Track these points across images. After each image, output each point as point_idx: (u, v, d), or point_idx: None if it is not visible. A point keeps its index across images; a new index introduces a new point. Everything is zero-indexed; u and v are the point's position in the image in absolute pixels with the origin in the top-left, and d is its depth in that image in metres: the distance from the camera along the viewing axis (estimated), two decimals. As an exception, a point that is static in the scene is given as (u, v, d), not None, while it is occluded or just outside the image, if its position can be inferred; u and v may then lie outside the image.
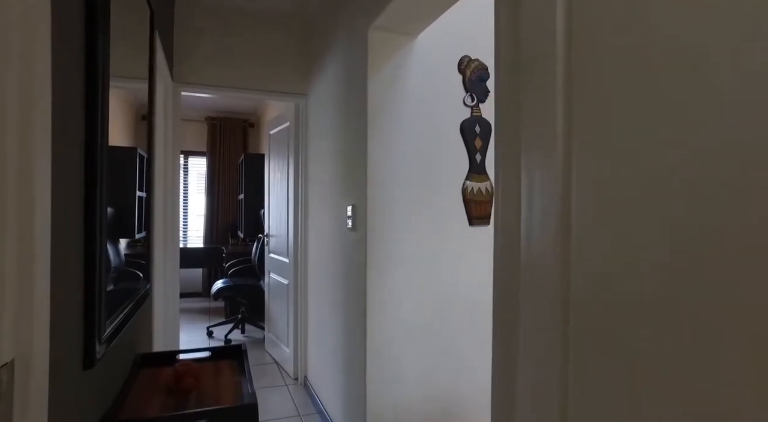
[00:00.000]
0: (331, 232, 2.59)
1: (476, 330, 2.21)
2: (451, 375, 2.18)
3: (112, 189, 1.38)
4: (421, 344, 2.12)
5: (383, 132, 2.05)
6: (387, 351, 2.05)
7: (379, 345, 2.04)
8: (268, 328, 4.01)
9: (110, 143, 1.16)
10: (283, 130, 3.63)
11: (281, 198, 3.70)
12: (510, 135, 0.87)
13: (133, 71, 1.59)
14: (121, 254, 1.59)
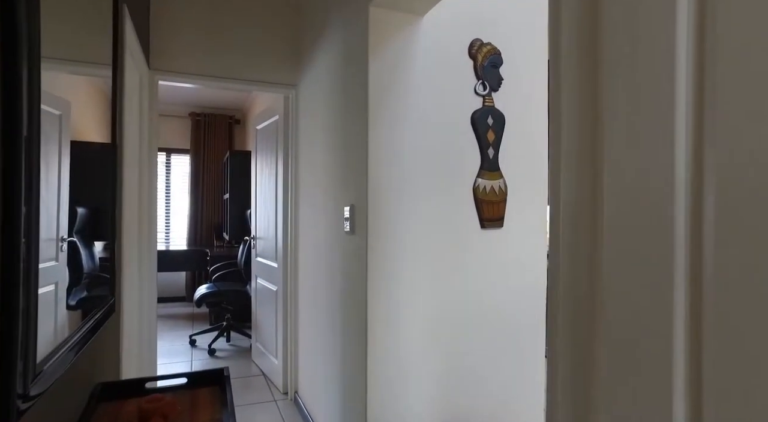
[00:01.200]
0: (326, 236, 2.34)
1: (494, 348, 1.99)
2: (467, 397, 1.95)
3: (84, 187, 1.20)
4: (431, 361, 1.89)
5: (386, 123, 1.82)
6: (392, 370, 1.82)
7: (382, 361, 1.80)
8: (255, 337, 3.75)
9: (80, 138, 1.01)
10: (271, 124, 3.38)
11: (269, 197, 3.45)
12: (581, 132, 0.65)
13: (85, 53, 1.34)
14: (95, 259, 1.41)
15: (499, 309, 2.00)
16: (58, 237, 1.07)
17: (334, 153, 2.22)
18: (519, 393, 2.05)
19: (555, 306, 0.74)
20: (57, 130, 1.10)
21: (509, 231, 2.01)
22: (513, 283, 2.02)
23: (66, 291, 1.12)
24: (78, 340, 1.11)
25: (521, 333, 2.05)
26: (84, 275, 1.29)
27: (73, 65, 1.30)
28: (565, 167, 0.72)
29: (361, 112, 1.86)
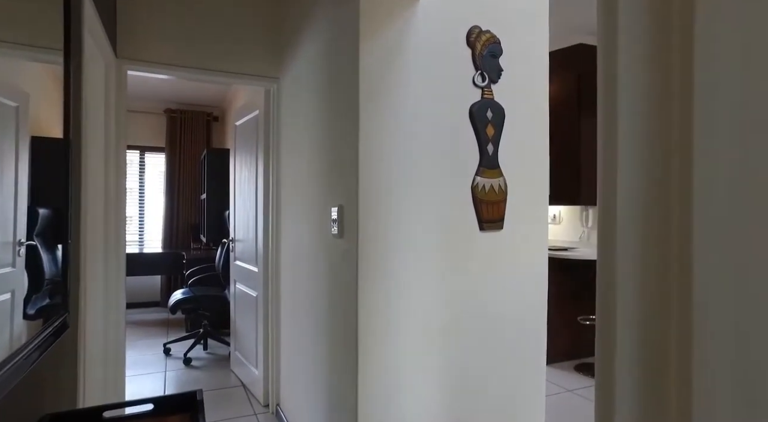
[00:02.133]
0: (310, 239, 2.17)
1: (495, 357, 1.85)
2: (467, 411, 1.80)
3: (47, 187, 1.13)
4: (428, 373, 1.74)
5: (378, 116, 1.66)
6: (386, 382, 1.66)
7: (375, 374, 1.64)
8: (234, 345, 3.54)
9: (43, 134, 0.99)
10: (251, 119, 3.18)
11: (249, 198, 3.25)
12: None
13: (45, 38, 1.16)
14: (59, 264, 1.31)
15: (500, 317, 1.86)
16: (15, 241, 1.00)
17: (320, 150, 2.05)
18: (521, 404, 1.92)
19: (608, 331, 0.59)
20: (13, 123, 1.01)
21: (509, 234, 1.87)
22: (514, 289, 1.89)
23: (24, 300, 1.04)
24: (18, 364, 0.93)
25: (522, 342, 1.91)
26: (46, 281, 1.20)
27: (31, 51, 1.15)
28: (628, 160, 0.57)
29: (351, 104, 1.69)
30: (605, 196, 0.61)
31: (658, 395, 0.53)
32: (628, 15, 0.56)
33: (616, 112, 0.60)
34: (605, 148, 0.62)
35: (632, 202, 0.57)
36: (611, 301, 0.60)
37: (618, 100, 0.60)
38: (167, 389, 3.14)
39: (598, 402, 0.58)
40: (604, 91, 0.59)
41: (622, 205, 0.57)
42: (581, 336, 3.83)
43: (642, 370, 0.54)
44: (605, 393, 0.57)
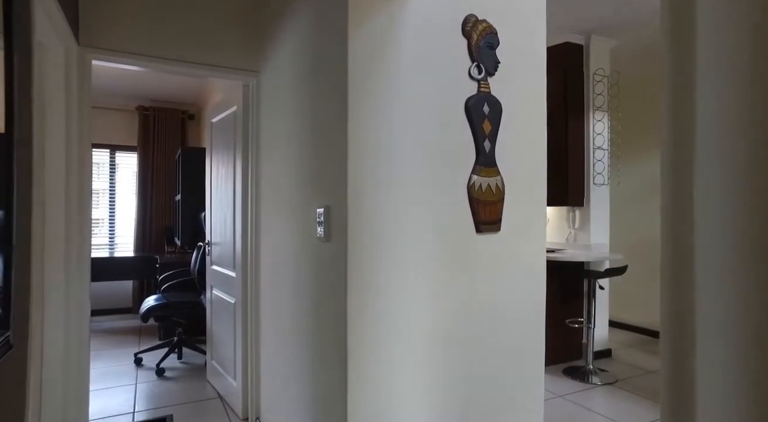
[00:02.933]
0: (293, 242, 2.02)
1: (494, 368, 1.73)
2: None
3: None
4: (426, 388, 1.61)
5: (369, 111, 1.53)
6: (378, 401, 1.53)
7: (366, 391, 1.51)
8: (211, 354, 3.35)
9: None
10: (229, 116, 3.01)
11: (226, 199, 3.08)
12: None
13: None
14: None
15: (498, 325, 1.75)
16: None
17: (304, 147, 1.90)
18: (520, 414, 1.81)
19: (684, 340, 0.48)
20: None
21: (507, 236, 1.76)
22: (512, 296, 1.78)
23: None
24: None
25: (521, 350, 1.81)
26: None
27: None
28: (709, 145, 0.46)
29: (339, 98, 1.56)
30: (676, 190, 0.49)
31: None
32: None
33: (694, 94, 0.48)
34: (678, 138, 0.50)
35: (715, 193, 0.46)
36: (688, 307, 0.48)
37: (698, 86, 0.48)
38: (138, 403, 2.93)
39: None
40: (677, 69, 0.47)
41: (700, 198, 0.46)
42: (569, 339, 3.77)
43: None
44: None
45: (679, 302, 0.49)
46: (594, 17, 3.37)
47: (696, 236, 0.46)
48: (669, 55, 0.51)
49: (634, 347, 4.12)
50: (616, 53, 3.86)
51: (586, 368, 3.41)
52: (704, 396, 0.46)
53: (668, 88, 0.51)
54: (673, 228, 0.49)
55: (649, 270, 4.42)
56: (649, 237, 4.42)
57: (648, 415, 2.74)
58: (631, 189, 4.55)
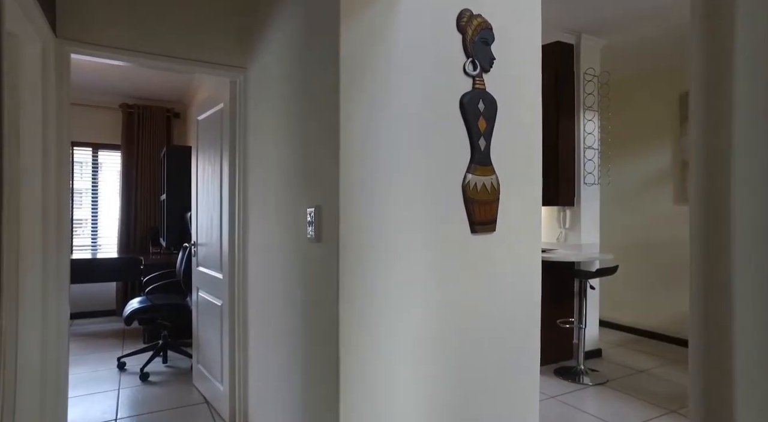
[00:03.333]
0: (282, 243, 1.96)
1: (491, 375, 1.69)
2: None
3: None
4: (422, 393, 1.56)
5: (362, 107, 1.48)
6: (372, 408, 1.48)
7: (359, 398, 1.46)
8: (197, 358, 3.27)
9: None
10: (215, 113, 2.93)
11: (212, 198, 3.00)
12: None
13: None
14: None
15: (494, 328, 1.71)
16: None
17: (294, 145, 1.84)
18: (517, 418, 1.78)
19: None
20: None
21: (503, 237, 1.73)
22: (508, 298, 1.74)
23: None
24: None
25: (518, 352, 1.77)
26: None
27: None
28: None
29: (331, 94, 1.51)
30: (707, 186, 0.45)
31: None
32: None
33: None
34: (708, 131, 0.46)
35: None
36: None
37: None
38: (121, 409, 2.84)
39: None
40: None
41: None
42: (560, 340, 3.76)
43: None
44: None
45: (713, 303, 0.46)
46: (584, 17, 3.36)
47: (732, 234, 0.43)
48: (701, 43, 0.47)
49: (623, 346, 4.13)
50: (606, 53, 3.86)
51: (577, 368, 3.40)
52: (744, 397, 0.43)
53: (699, 79, 0.47)
54: (704, 227, 0.45)
55: (638, 270, 4.44)
56: (639, 237, 4.43)
57: (640, 415, 2.73)
58: (620, 189, 4.57)
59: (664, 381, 3.29)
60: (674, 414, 2.76)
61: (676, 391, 3.10)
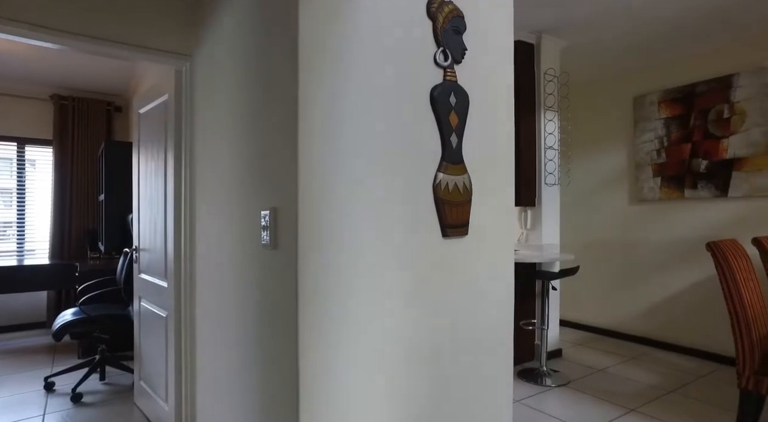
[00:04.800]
0: (233, 250, 1.76)
1: (466, 386, 1.57)
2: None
3: None
4: (391, 412, 1.42)
5: (323, 98, 1.32)
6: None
7: (321, 419, 1.30)
8: (139, 373, 2.98)
9: None
10: (159, 106, 2.67)
11: (156, 199, 2.73)
12: None
13: None
14: None
15: (467, 340, 1.60)
16: None
17: (246, 139, 1.65)
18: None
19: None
20: None
21: (475, 241, 1.61)
22: (481, 307, 1.63)
23: None
24: None
25: (491, 363, 1.66)
26: None
27: None
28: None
29: (288, 84, 1.34)
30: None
31: None
32: None
33: None
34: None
35: None
36: None
37: None
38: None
39: None
40: None
41: None
42: (522, 341, 3.74)
43: None
44: None
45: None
46: (544, 17, 3.35)
47: None
48: None
49: (582, 345, 4.18)
50: (565, 54, 3.88)
51: (540, 370, 3.38)
52: None
53: None
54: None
55: (595, 269, 4.51)
56: (596, 237, 4.51)
57: (603, 416, 2.72)
58: (579, 189, 4.63)
59: (623, 379, 3.33)
60: (635, 412, 2.77)
61: (636, 389, 3.13)
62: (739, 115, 3.62)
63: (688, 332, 3.87)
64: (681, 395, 3.03)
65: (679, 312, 3.93)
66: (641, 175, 4.17)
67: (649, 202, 4.13)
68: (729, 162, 3.65)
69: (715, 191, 3.71)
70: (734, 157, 3.63)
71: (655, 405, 2.88)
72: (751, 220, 3.54)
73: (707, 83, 3.78)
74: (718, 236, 3.70)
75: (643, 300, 4.16)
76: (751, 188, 3.53)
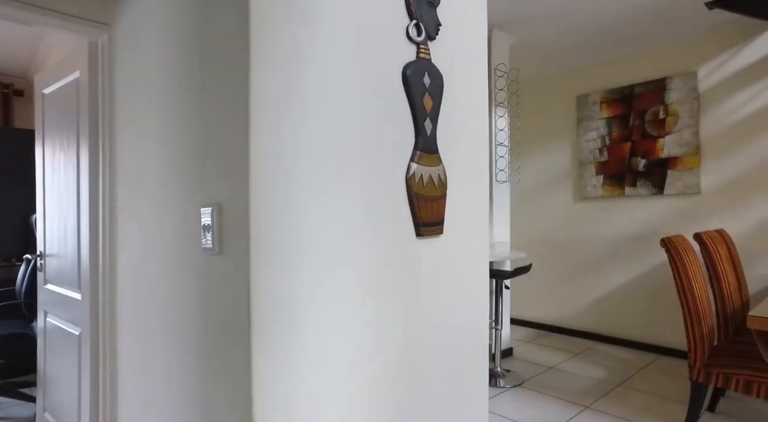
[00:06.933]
0: (166, 255, 1.46)
1: (441, 403, 1.39)
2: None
3: None
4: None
5: (278, 74, 1.08)
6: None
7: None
8: (43, 403, 2.53)
9: None
10: (69, 85, 2.26)
11: (67, 196, 2.32)
12: None
13: None
14: None
15: (443, 351, 1.43)
16: None
17: (184, 125, 1.37)
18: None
19: None
20: None
21: (450, 241, 1.45)
22: (457, 313, 1.47)
23: None
24: None
25: (467, 377, 1.50)
26: None
27: None
28: None
29: (236, 57, 1.09)
30: None
31: None
32: None
33: None
34: None
35: None
36: None
37: None
38: None
39: None
40: None
41: None
42: (475, 341, 3.67)
43: None
44: None
45: None
46: (494, 10, 3.28)
47: None
48: None
49: (531, 343, 4.20)
50: (515, 50, 3.86)
51: (494, 371, 3.31)
52: None
53: None
54: None
55: (542, 266, 4.56)
56: (543, 234, 4.56)
57: (560, 415, 2.68)
58: (528, 186, 4.66)
59: (574, 375, 3.35)
60: (590, 410, 2.77)
61: (586, 385, 3.15)
62: (672, 117, 3.78)
63: (628, 325, 4.00)
64: (628, 388, 3.09)
65: (619, 305, 4.05)
66: (585, 173, 4.26)
67: (592, 200, 4.23)
68: (664, 161, 3.81)
69: (653, 189, 3.86)
70: (669, 156, 3.79)
71: (607, 400, 2.90)
72: (683, 217, 3.72)
73: (644, 85, 3.92)
74: (656, 232, 3.85)
75: (586, 296, 4.26)
76: (683, 186, 3.70)
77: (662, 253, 3.80)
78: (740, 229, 3.45)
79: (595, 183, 4.19)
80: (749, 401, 2.87)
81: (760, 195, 3.37)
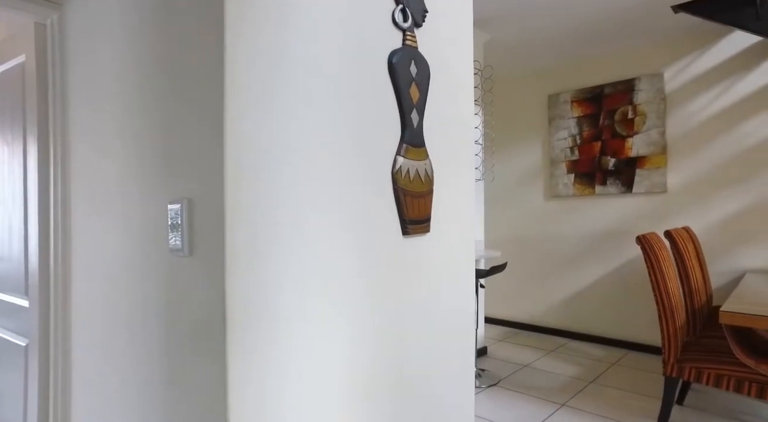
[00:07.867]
0: (127, 257, 1.33)
1: (429, 410, 1.32)
2: None
3: None
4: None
5: (256, 58, 0.98)
6: None
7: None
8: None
9: None
10: (12, 71, 2.06)
11: (11, 193, 2.11)
12: None
13: None
14: None
15: (434, 355, 1.35)
16: None
17: (148, 112, 1.23)
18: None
19: None
20: None
21: (438, 239, 1.37)
22: (446, 316, 1.39)
23: None
24: None
25: (456, 380, 1.44)
26: None
27: None
28: None
29: (209, 38, 0.97)
30: None
31: None
32: None
33: None
34: None
35: None
36: None
37: None
38: None
39: None
40: None
41: None
42: (450, 341, 3.63)
43: None
44: None
45: None
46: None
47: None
48: None
49: (504, 341, 4.20)
50: (489, 47, 3.84)
51: (471, 370, 3.28)
52: None
53: None
54: None
55: (515, 264, 4.58)
56: (515, 232, 4.58)
57: (538, 414, 2.67)
58: (500, 184, 4.67)
59: (548, 373, 3.36)
60: (566, 407, 2.77)
61: (561, 383, 3.16)
62: (640, 117, 3.86)
63: (598, 321, 4.06)
64: (601, 385, 3.12)
65: (589, 303, 4.11)
66: (556, 172, 4.30)
67: (563, 198, 4.27)
68: (633, 160, 3.88)
69: (622, 187, 3.93)
70: (637, 155, 3.87)
71: (582, 397, 2.91)
72: (650, 215, 3.80)
73: (614, 85, 3.99)
74: (625, 230, 3.92)
75: (558, 294, 4.30)
76: (650, 185, 3.78)
77: (631, 251, 3.88)
78: (704, 227, 3.56)
79: (567, 181, 4.23)
80: (715, 393, 2.94)
81: (722, 193, 3.48)
